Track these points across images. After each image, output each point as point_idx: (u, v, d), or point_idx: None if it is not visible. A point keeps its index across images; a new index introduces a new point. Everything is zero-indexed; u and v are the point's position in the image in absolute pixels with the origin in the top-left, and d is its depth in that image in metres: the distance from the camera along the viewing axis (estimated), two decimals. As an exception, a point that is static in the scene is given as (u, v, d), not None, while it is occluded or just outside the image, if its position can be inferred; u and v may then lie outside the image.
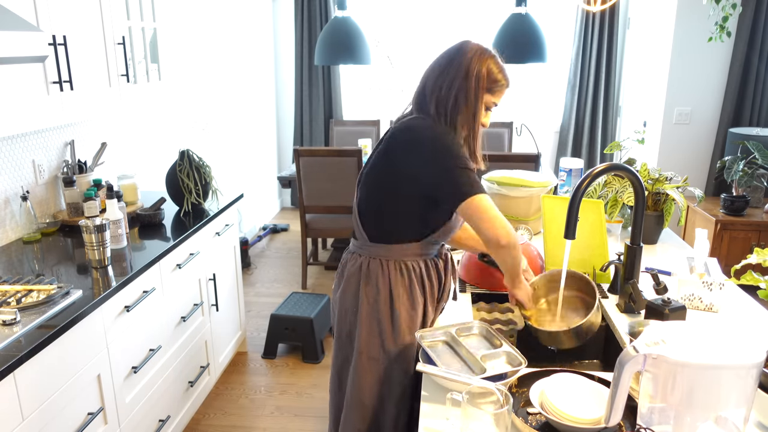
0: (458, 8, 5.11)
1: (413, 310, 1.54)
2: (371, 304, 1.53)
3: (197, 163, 2.71)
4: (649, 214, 2.18)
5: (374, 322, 1.53)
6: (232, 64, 4.43)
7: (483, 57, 1.48)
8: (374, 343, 1.54)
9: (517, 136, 4.96)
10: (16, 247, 2.19)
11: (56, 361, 1.61)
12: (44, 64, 1.89)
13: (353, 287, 1.57)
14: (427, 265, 1.57)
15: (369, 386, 1.56)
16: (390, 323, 1.53)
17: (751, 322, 1.61)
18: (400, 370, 1.55)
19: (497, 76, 1.49)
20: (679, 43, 3.96)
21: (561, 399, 1.17)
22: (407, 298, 1.53)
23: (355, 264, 1.57)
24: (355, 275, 1.56)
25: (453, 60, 1.48)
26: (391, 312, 1.52)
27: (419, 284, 1.55)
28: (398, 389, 1.56)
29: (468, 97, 1.46)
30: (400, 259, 1.53)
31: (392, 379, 1.55)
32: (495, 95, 1.50)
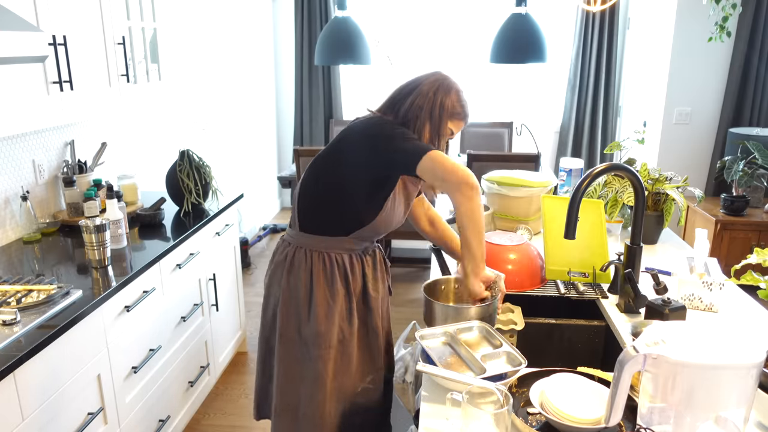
0: (458, 8, 5.11)
1: (332, 300, 1.62)
2: (291, 290, 1.64)
3: (197, 163, 2.71)
4: (649, 214, 2.18)
5: (292, 308, 1.64)
6: (232, 63, 4.43)
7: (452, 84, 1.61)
8: (291, 327, 1.65)
9: (517, 136, 4.96)
10: (16, 247, 2.19)
11: (56, 361, 1.61)
12: (44, 64, 1.89)
13: (278, 275, 1.68)
14: (351, 260, 1.65)
15: (286, 366, 1.67)
16: (307, 309, 1.63)
17: (751, 322, 1.61)
18: (315, 354, 1.63)
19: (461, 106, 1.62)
20: (679, 43, 3.96)
21: (561, 399, 1.17)
22: (327, 287, 1.62)
23: (282, 253, 1.68)
24: (281, 264, 1.67)
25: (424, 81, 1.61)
26: (309, 299, 1.62)
27: (341, 277, 1.63)
28: (311, 372, 1.64)
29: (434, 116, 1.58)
30: (324, 251, 1.62)
31: (306, 361, 1.65)
32: (455, 124, 1.62)
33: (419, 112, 1.57)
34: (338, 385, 1.67)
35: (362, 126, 1.59)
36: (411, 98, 1.59)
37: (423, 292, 1.60)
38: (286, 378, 1.69)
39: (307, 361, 1.65)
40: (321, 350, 1.63)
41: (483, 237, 1.52)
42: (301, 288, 1.63)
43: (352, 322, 1.66)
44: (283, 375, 1.69)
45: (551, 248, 1.88)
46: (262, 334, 1.79)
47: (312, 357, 1.64)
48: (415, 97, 1.58)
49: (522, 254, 1.83)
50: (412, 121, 1.58)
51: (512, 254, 1.82)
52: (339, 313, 1.63)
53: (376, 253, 1.74)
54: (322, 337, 1.62)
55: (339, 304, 1.63)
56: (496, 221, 2.30)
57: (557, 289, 1.81)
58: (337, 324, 1.63)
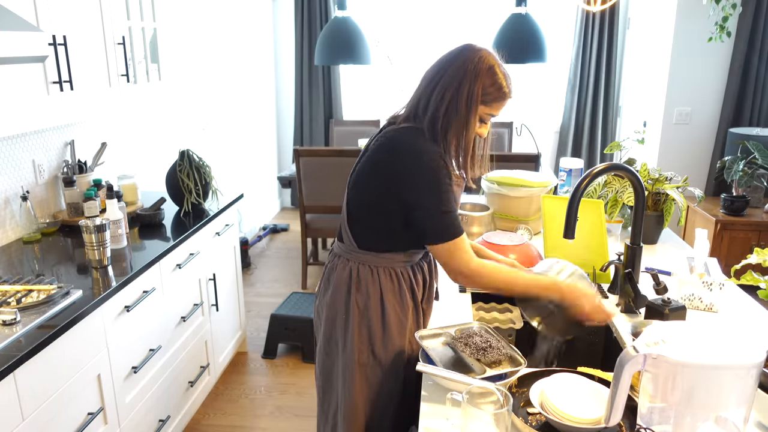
0: (458, 8, 5.11)
1: (403, 316, 1.51)
2: (362, 310, 1.49)
3: (197, 163, 2.71)
4: (649, 214, 2.18)
5: (365, 329, 1.50)
6: (232, 63, 4.43)
7: (481, 65, 1.39)
8: (365, 350, 1.50)
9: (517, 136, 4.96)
10: (16, 247, 2.19)
11: (56, 361, 1.61)
12: (44, 64, 1.89)
13: (343, 294, 1.52)
14: (414, 271, 1.54)
15: (360, 391, 1.52)
16: (381, 329, 1.50)
17: (751, 322, 1.61)
18: (391, 374, 1.52)
19: (495, 88, 1.40)
20: (679, 43, 3.96)
21: (561, 399, 1.17)
22: (397, 303, 1.50)
23: (344, 270, 1.52)
24: (344, 282, 1.51)
25: (450, 66, 1.41)
26: (382, 318, 1.49)
27: (409, 290, 1.52)
28: (387, 395, 1.53)
29: (459, 109, 1.39)
30: (389, 266, 1.49)
31: (382, 385, 1.52)
32: (492, 107, 1.42)
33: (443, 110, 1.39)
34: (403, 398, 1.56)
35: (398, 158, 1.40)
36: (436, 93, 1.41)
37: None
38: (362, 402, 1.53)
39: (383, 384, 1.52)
40: (399, 369, 1.52)
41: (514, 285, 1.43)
42: (371, 307, 1.49)
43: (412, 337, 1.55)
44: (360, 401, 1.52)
45: (551, 248, 1.88)
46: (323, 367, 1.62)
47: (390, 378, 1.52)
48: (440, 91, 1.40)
49: (522, 254, 1.83)
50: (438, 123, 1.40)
51: (512, 254, 1.82)
52: (410, 329, 1.53)
53: (430, 258, 1.64)
54: (400, 356, 1.51)
55: (410, 320, 1.53)
56: (496, 221, 2.30)
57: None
58: (407, 339, 1.53)
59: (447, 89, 1.39)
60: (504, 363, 1.34)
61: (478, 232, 2.17)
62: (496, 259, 1.65)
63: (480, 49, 1.42)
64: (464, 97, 1.38)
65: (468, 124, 1.40)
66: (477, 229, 2.18)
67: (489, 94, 1.40)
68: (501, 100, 1.42)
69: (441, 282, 1.86)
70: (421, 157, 1.37)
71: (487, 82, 1.39)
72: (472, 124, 1.41)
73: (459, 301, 1.76)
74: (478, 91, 1.38)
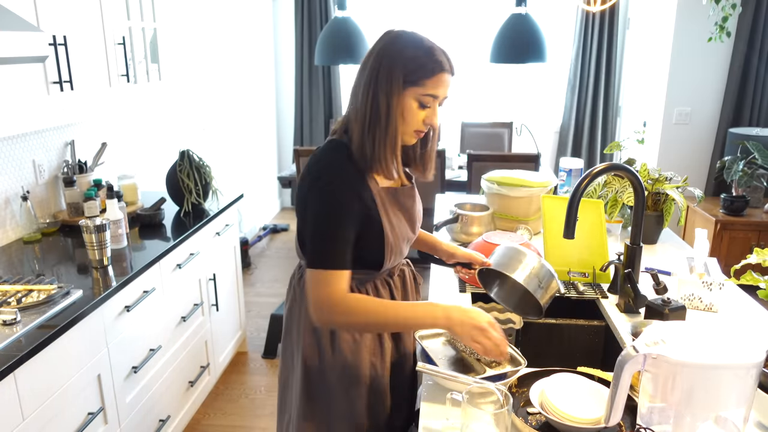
0: (458, 8, 5.11)
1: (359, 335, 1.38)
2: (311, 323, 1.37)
3: (197, 163, 2.71)
4: (649, 214, 2.18)
5: (314, 342, 1.39)
6: (232, 63, 4.43)
7: (392, 46, 1.23)
8: (314, 363, 1.40)
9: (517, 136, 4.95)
10: (17, 247, 2.19)
11: (56, 361, 1.61)
12: (44, 64, 1.89)
13: (297, 304, 1.44)
14: (376, 287, 1.39)
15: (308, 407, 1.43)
16: (330, 343, 1.38)
17: (751, 322, 1.61)
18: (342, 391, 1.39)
19: (418, 64, 1.21)
20: (679, 43, 3.96)
21: (561, 399, 1.17)
22: None
23: (300, 280, 1.43)
24: (300, 293, 1.43)
25: (367, 60, 1.26)
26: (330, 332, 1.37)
27: None
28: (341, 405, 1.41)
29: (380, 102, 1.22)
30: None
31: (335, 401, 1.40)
32: (426, 86, 1.22)
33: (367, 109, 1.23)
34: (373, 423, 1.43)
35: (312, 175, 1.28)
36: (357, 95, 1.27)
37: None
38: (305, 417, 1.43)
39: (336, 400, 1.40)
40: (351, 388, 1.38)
41: (390, 327, 1.31)
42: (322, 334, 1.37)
43: (384, 355, 1.41)
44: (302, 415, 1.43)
45: (551, 248, 1.88)
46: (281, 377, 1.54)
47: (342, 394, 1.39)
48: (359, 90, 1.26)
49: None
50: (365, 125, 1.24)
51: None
52: (367, 347, 1.39)
53: (404, 272, 1.50)
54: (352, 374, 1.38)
55: (367, 338, 1.39)
56: (496, 221, 2.30)
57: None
58: (368, 360, 1.39)
59: (367, 84, 1.24)
60: (504, 363, 1.34)
61: (478, 232, 2.17)
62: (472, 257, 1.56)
63: (393, 30, 1.27)
64: (383, 86, 1.22)
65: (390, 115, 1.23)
66: (477, 229, 2.18)
67: (413, 72, 1.21)
68: (431, 75, 1.21)
69: (442, 283, 1.86)
70: (320, 177, 1.25)
71: (410, 56, 1.22)
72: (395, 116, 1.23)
73: (459, 301, 1.76)
74: (396, 74, 1.21)
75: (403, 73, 1.21)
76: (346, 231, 1.24)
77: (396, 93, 1.22)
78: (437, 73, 1.22)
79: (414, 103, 1.24)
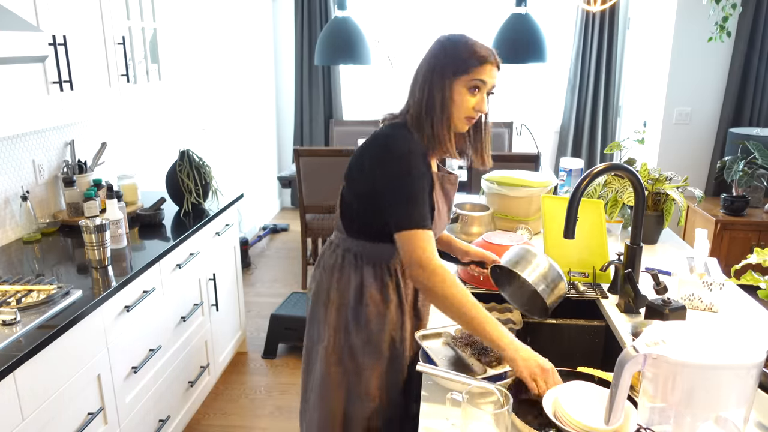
0: (458, 8, 5.11)
1: (384, 308, 1.48)
2: (341, 295, 1.50)
3: (197, 163, 2.71)
4: (649, 214, 2.18)
5: (342, 315, 1.50)
6: (232, 63, 4.43)
7: (446, 43, 1.42)
8: (340, 335, 1.50)
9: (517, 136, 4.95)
10: (16, 247, 2.19)
11: (56, 361, 1.61)
12: (44, 64, 1.89)
13: (326, 278, 1.54)
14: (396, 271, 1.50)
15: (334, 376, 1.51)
16: (356, 318, 1.49)
17: (751, 322, 1.61)
18: (367, 365, 1.49)
19: (468, 54, 1.38)
20: (679, 43, 3.96)
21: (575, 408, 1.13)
22: (378, 294, 1.48)
23: (332, 256, 1.54)
24: (329, 267, 1.53)
25: (425, 58, 1.45)
26: (359, 307, 1.48)
27: (394, 284, 1.50)
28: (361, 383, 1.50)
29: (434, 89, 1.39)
30: (377, 258, 1.48)
31: (356, 372, 1.50)
32: (474, 73, 1.38)
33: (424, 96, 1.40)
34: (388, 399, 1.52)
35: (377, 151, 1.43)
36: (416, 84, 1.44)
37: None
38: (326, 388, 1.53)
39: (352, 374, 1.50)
40: (370, 359, 1.49)
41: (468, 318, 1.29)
42: (350, 295, 1.48)
43: (404, 333, 1.52)
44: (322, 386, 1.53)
45: (551, 248, 1.87)
46: (306, 347, 1.64)
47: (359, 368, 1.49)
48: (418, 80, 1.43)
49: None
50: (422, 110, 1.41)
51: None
52: (390, 321, 1.49)
53: None
54: (373, 346, 1.48)
55: (392, 314, 1.49)
56: (496, 221, 2.30)
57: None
58: (389, 333, 1.49)
59: (425, 75, 1.42)
60: (504, 363, 1.34)
61: (478, 232, 2.17)
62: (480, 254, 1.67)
63: (443, 36, 1.45)
64: (438, 75, 1.40)
65: (444, 100, 1.39)
66: (477, 229, 2.18)
67: (463, 60, 1.38)
68: (477, 64, 1.38)
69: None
70: (390, 147, 1.39)
71: (457, 51, 1.39)
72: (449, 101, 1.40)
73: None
74: (449, 64, 1.39)
75: (454, 64, 1.38)
76: (425, 194, 1.38)
77: (449, 83, 1.39)
78: (483, 63, 1.38)
79: (464, 89, 1.39)
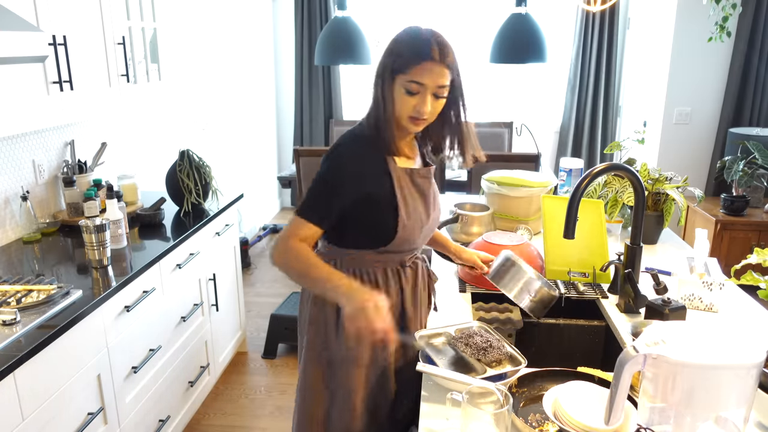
0: (458, 8, 5.11)
1: None
2: (319, 306, 1.48)
3: (197, 163, 2.71)
4: (649, 214, 2.18)
5: (321, 323, 1.48)
6: (232, 63, 4.43)
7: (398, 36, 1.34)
8: (319, 342, 1.49)
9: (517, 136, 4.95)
10: (16, 247, 2.19)
11: (56, 361, 1.61)
12: (44, 64, 1.89)
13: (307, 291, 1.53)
14: (386, 275, 1.47)
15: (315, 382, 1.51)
16: (335, 327, 1.46)
17: (751, 322, 1.61)
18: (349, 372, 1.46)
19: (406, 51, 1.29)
20: (679, 43, 3.96)
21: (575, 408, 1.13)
22: None
23: None
24: None
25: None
26: (336, 316, 1.44)
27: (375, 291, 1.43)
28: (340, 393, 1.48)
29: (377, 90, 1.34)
30: (357, 265, 1.45)
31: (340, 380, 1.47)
32: (411, 73, 1.28)
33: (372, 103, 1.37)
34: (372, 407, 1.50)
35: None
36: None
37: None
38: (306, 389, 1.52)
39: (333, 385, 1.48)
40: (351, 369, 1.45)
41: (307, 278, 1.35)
42: (328, 303, 1.45)
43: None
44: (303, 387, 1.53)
45: (551, 248, 1.88)
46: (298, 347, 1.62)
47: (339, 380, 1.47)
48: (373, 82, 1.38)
49: (522, 254, 1.82)
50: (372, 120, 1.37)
51: (512, 254, 1.82)
52: None
53: (417, 265, 1.55)
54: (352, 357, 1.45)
55: None
56: (496, 221, 2.30)
57: (557, 289, 1.81)
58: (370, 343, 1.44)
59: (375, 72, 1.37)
60: (504, 363, 1.34)
61: (478, 232, 2.16)
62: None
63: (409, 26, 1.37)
64: (380, 74, 1.34)
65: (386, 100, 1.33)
66: (477, 229, 2.18)
67: (403, 59, 1.29)
68: (415, 62, 1.27)
69: (442, 283, 1.86)
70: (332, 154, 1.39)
71: (400, 47, 1.32)
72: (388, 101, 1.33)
73: (459, 301, 1.76)
74: (390, 62, 1.31)
75: (395, 62, 1.30)
76: (334, 200, 1.36)
77: (389, 83, 1.32)
78: (422, 61, 1.27)
79: (401, 89, 1.31)
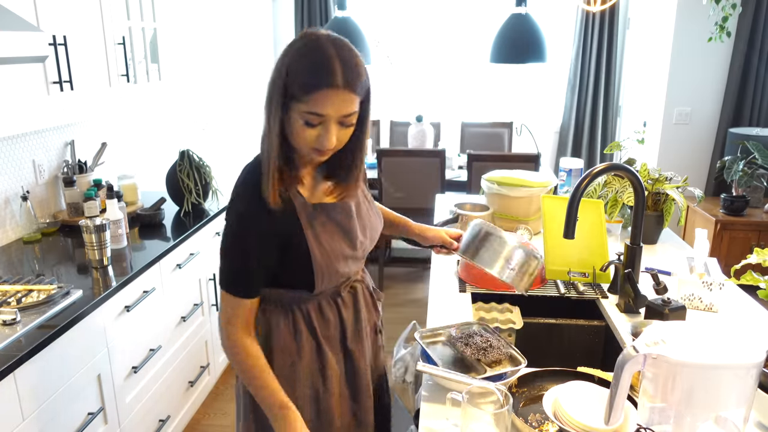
0: (458, 8, 5.11)
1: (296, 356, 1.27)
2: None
3: (197, 163, 2.71)
4: (649, 214, 2.18)
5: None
6: (232, 64, 4.43)
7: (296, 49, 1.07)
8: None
9: (517, 136, 4.95)
10: (17, 247, 2.19)
11: (56, 361, 1.61)
12: (44, 64, 1.89)
13: None
14: (321, 307, 1.28)
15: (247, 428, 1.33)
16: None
17: (751, 322, 1.61)
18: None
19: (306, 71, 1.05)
20: (679, 43, 3.96)
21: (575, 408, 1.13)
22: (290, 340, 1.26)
23: None
24: None
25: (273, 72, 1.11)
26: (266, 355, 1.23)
27: (307, 328, 1.27)
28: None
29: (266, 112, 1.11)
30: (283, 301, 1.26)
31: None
32: (309, 103, 1.05)
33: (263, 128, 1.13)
34: None
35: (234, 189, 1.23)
36: None
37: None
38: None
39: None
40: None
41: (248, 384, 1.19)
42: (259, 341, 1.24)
43: (328, 375, 1.29)
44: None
45: (551, 248, 1.88)
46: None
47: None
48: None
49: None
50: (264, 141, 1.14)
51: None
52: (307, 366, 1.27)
53: (357, 289, 1.35)
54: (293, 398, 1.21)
55: (306, 360, 1.27)
56: (496, 221, 2.30)
57: (557, 289, 1.81)
58: (308, 379, 1.28)
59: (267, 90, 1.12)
60: (504, 362, 1.34)
61: (478, 232, 2.16)
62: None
63: (299, 38, 1.09)
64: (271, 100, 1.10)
65: (273, 131, 1.10)
66: (477, 229, 2.18)
67: (296, 85, 1.05)
68: (314, 90, 1.04)
69: (442, 282, 1.86)
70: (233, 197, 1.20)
71: (298, 67, 1.06)
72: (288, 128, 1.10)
73: (459, 301, 1.76)
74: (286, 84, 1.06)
75: (285, 84, 1.06)
76: (250, 262, 1.17)
77: (282, 108, 1.08)
78: (322, 88, 1.03)
79: (299, 120, 1.07)
